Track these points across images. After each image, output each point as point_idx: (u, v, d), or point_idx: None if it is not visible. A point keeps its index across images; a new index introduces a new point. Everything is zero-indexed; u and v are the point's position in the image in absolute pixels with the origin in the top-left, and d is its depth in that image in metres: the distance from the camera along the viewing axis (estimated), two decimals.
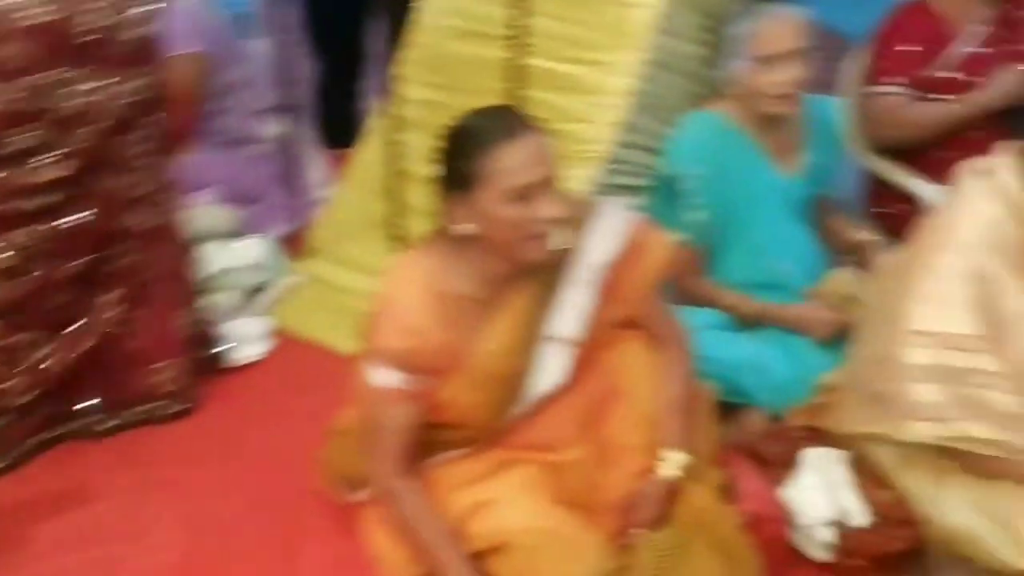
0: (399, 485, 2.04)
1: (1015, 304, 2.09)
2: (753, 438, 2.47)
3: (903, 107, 3.02)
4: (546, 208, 1.93)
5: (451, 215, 1.99)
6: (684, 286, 2.75)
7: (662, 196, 2.79)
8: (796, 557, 2.23)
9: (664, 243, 2.20)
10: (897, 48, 3.05)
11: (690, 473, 2.08)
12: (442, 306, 2.00)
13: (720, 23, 2.82)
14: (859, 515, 2.17)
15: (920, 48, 3.02)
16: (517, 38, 2.63)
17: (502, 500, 2.06)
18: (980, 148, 2.34)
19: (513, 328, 2.06)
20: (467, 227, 1.96)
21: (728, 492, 2.21)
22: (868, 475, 2.23)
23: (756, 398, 2.57)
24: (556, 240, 1.98)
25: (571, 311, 2.07)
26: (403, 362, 1.99)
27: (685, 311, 2.62)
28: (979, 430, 2.04)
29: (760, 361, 2.59)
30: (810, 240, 2.86)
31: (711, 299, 2.75)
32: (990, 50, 3.01)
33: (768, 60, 2.61)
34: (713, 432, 2.30)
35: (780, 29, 2.61)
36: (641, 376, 2.14)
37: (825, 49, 3.39)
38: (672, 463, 2.07)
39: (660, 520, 2.03)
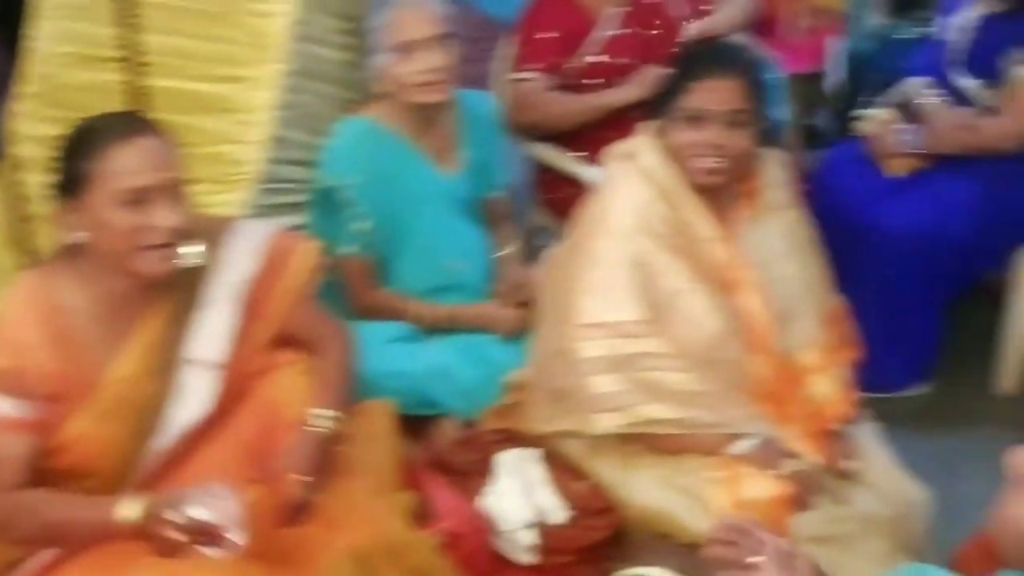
0: (20, 498, 1.80)
1: (672, 284, 2.14)
2: (446, 450, 2.38)
3: (538, 93, 3.04)
4: (163, 216, 1.79)
5: (64, 223, 1.83)
6: (361, 300, 2.66)
7: (323, 210, 2.67)
8: (502, 564, 2.17)
9: (306, 251, 2.13)
10: (536, 36, 3.06)
11: (373, 492, 2.03)
12: (55, 322, 1.84)
13: (360, 24, 2.72)
14: (557, 512, 2.15)
15: (558, 35, 3.05)
16: (130, 59, 2.41)
17: (172, 566, 1.82)
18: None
19: (146, 351, 1.91)
20: (79, 235, 1.81)
21: (422, 514, 2.11)
22: (562, 469, 2.21)
23: (447, 406, 2.52)
24: (187, 257, 1.85)
25: (212, 332, 1.95)
26: (8, 384, 1.80)
27: (364, 327, 2.53)
28: (657, 411, 2.08)
29: (446, 367, 2.55)
30: (481, 237, 2.82)
31: (391, 310, 2.66)
32: (629, 31, 3.07)
33: (406, 48, 2.54)
34: (397, 454, 2.22)
35: (415, 16, 2.56)
36: (299, 408, 2.04)
37: (483, 38, 3.38)
38: (322, 418, 2.01)
39: (314, 471, 1.96)
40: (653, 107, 2.30)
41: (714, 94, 2.12)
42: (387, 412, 2.26)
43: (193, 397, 1.94)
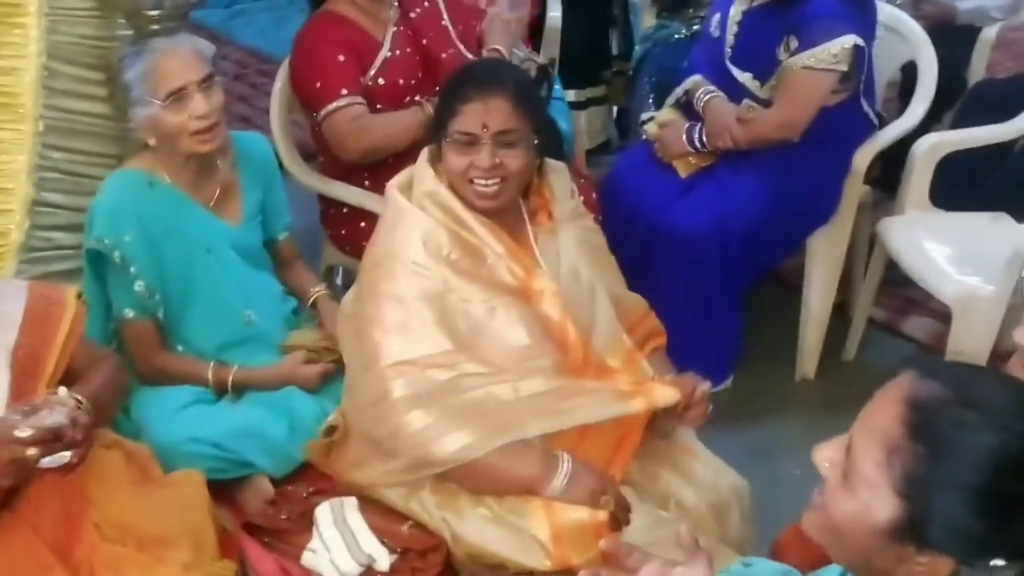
0: None
1: (472, 307, 2.08)
2: (261, 511, 2.26)
3: (366, 116, 2.89)
4: None
5: None
6: (147, 364, 2.51)
7: (95, 274, 2.49)
8: None
9: (69, 299, 2.06)
10: (338, 60, 2.90)
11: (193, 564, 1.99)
12: None
13: (112, 73, 2.56)
14: (383, 558, 2.08)
15: (350, 57, 2.92)
16: None
17: None
18: None
19: None
20: None
21: None
22: (381, 514, 2.14)
23: (258, 465, 2.41)
24: None
25: None
26: None
27: (154, 396, 2.45)
28: (459, 439, 2.00)
29: (254, 425, 2.43)
30: (273, 285, 2.72)
31: (183, 374, 2.52)
32: (407, 49, 2.99)
33: (175, 96, 2.39)
34: (214, 522, 2.16)
35: (178, 61, 2.41)
36: (102, 481, 2.01)
37: (247, 74, 3.25)
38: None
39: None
40: (429, 132, 2.24)
41: (481, 116, 2.06)
42: (197, 479, 2.19)
43: None
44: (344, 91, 2.87)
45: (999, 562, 1.10)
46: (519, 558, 1.99)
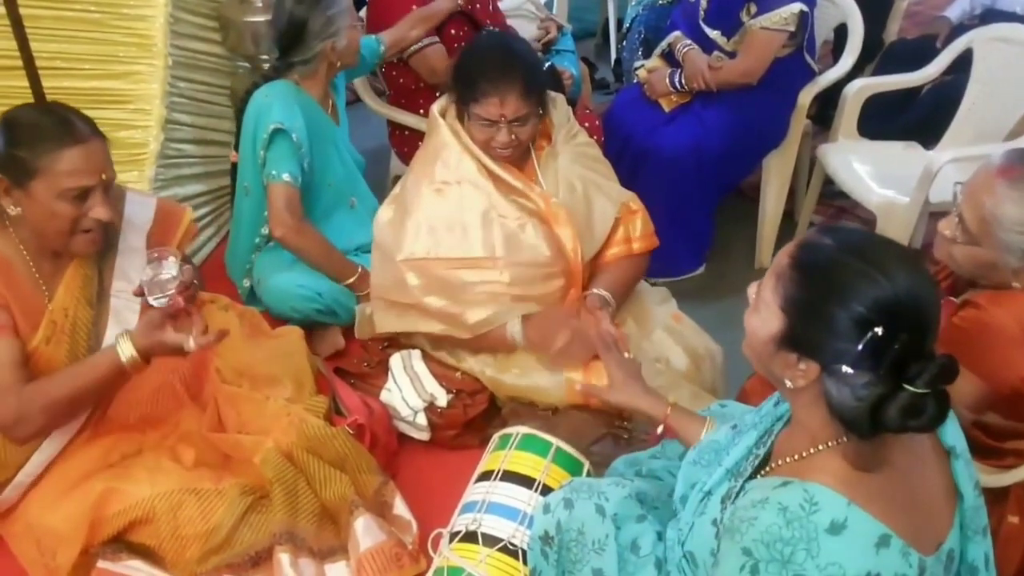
0: (24, 393, 1.64)
1: (508, 222, 2.03)
2: (346, 359, 2.27)
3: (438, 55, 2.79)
4: (99, 211, 1.67)
5: (4, 199, 1.66)
6: (291, 225, 2.29)
7: (256, 161, 2.32)
8: (405, 440, 2.12)
9: (186, 213, 1.99)
10: (411, 9, 2.76)
11: (294, 398, 1.97)
12: None
13: (223, 22, 2.48)
14: (442, 396, 2.08)
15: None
16: (28, 66, 2.12)
17: (132, 479, 1.76)
18: None
19: (79, 286, 1.77)
20: (17, 210, 1.66)
21: (334, 413, 2.03)
22: (438, 363, 2.13)
23: (341, 316, 2.36)
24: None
25: (128, 270, 1.82)
26: None
27: (274, 256, 2.37)
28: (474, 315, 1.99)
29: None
30: (366, 185, 2.63)
31: (318, 242, 2.35)
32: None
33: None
34: (312, 366, 2.14)
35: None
36: (229, 338, 1.89)
37: None
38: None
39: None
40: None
41: (498, 109, 1.97)
42: (297, 333, 2.17)
43: (123, 321, 1.80)
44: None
45: (848, 370, 1.09)
46: (553, 395, 2.00)
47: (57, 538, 1.71)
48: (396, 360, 2.13)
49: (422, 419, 2.06)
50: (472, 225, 2.01)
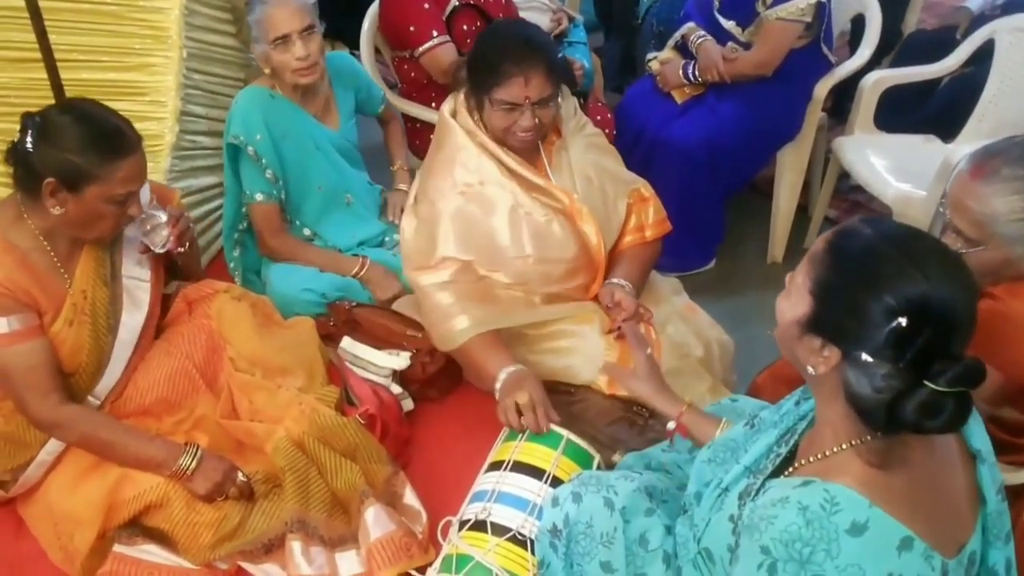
0: (65, 411, 1.77)
1: (536, 217, 2.03)
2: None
3: (448, 54, 2.77)
4: (134, 209, 1.78)
5: (52, 200, 1.71)
6: (271, 241, 2.44)
7: (232, 167, 2.41)
8: (416, 431, 2.11)
9: (175, 191, 2.09)
10: (422, 7, 2.77)
11: (306, 388, 1.99)
12: (16, 256, 1.75)
13: (239, 13, 2.47)
14: (402, 360, 2.12)
15: (433, 4, 2.79)
16: (48, 56, 2.12)
17: None
18: None
19: (94, 268, 1.84)
20: (59, 210, 1.72)
21: (345, 403, 2.03)
22: (391, 323, 2.20)
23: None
24: None
25: (136, 255, 1.91)
26: (6, 306, 1.71)
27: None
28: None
29: (350, 284, 2.37)
30: (363, 176, 2.64)
31: (299, 247, 2.46)
32: None
33: (280, 41, 2.29)
34: (324, 357, 2.14)
35: (283, 12, 2.28)
36: (235, 325, 2.01)
37: None
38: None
39: None
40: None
41: (523, 90, 1.93)
42: (309, 323, 2.17)
43: (137, 304, 1.91)
44: (435, 32, 2.76)
45: (868, 358, 1.07)
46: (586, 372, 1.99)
47: (74, 521, 1.75)
48: (344, 354, 2.16)
49: (397, 388, 2.10)
50: (500, 225, 2.00)
